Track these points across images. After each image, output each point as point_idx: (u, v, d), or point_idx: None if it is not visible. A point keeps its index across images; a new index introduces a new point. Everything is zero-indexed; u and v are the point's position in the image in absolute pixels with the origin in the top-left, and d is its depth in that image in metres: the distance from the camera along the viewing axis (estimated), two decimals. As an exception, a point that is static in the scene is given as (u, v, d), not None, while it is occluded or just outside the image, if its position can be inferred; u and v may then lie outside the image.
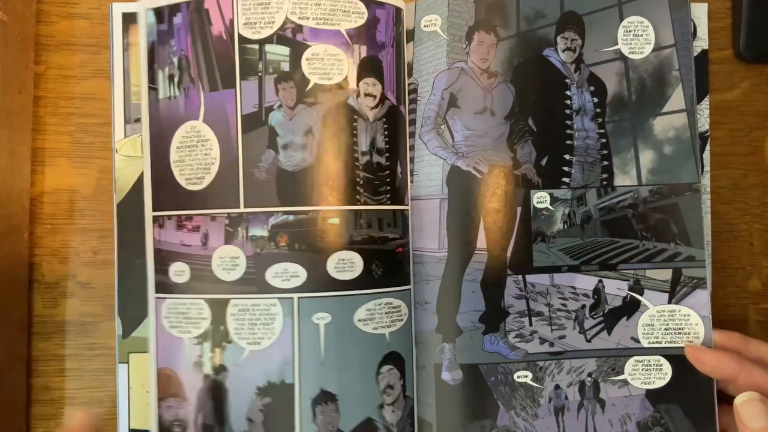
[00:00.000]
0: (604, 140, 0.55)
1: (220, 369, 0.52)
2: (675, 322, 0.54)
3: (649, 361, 0.54)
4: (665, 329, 0.54)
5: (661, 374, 0.54)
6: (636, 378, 0.54)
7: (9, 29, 0.53)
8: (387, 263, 0.53)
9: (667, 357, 0.54)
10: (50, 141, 0.57)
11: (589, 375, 0.54)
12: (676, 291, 0.54)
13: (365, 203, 0.53)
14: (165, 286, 0.53)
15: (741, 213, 0.58)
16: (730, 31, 0.58)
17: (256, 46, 0.53)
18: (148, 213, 0.54)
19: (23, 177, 0.55)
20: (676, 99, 0.55)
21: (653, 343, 0.54)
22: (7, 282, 0.53)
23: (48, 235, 0.56)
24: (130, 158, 0.55)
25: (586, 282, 0.54)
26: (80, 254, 0.57)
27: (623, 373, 0.54)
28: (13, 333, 0.54)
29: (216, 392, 0.52)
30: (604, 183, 0.55)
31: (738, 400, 0.49)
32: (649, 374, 0.54)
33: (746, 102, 0.58)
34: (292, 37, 0.52)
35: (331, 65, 0.53)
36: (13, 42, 0.53)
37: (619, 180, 0.55)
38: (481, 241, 0.54)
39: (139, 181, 0.55)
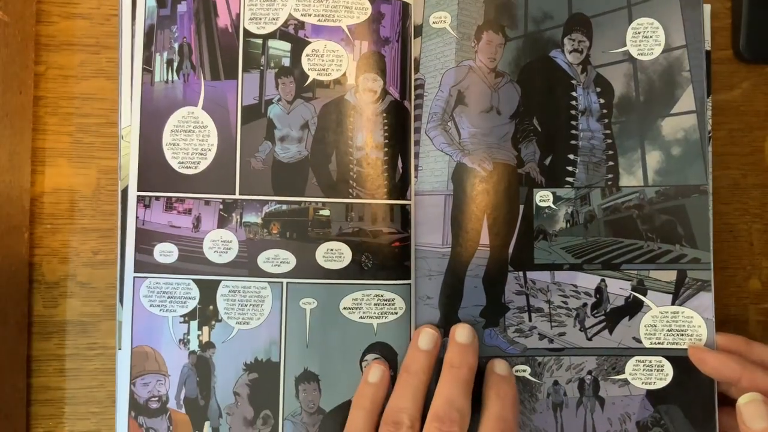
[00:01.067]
0: (609, 141, 0.55)
1: (208, 346, 0.54)
2: (678, 323, 0.54)
3: (650, 361, 0.54)
4: (668, 330, 0.54)
5: (663, 375, 0.54)
6: (637, 378, 0.54)
7: (9, 29, 0.53)
8: (379, 256, 0.54)
9: (669, 358, 0.54)
10: (50, 141, 0.57)
11: (589, 373, 0.54)
12: (680, 293, 0.54)
13: (358, 197, 0.54)
14: (146, 266, 0.54)
15: (741, 213, 0.58)
16: (730, 31, 0.58)
17: (260, 41, 0.54)
18: (132, 192, 0.54)
19: (23, 177, 0.55)
20: (686, 100, 0.54)
21: (655, 343, 0.54)
22: (7, 282, 0.53)
23: (48, 235, 0.56)
24: (131, 140, 0.55)
25: (587, 281, 0.54)
26: (80, 254, 0.57)
27: (624, 373, 0.54)
28: (13, 333, 0.54)
29: (202, 368, 0.54)
30: (609, 183, 0.55)
31: (741, 401, 0.49)
32: (650, 375, 0.54)
33: (746, 102, 0.58)
34: (294, 34, 0.54)
35: (330, 61, 0.54)
36: (13, 42, 0.53)
37: (625, 180, 0.55)
38: (484, 238, 0.54)
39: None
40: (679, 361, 0.54)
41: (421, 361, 0.51)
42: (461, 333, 0.52)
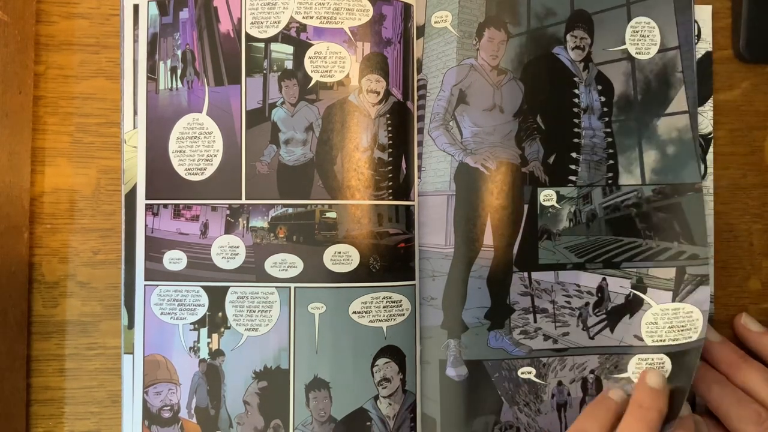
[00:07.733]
0: (610, 139, 0.55)
1: (217, 354, 0.54)
2: (678, 319, 0.54)
3: (652, 359, 0.54)
4: (669, 327, 0.54)
5: (663, 371, 0.54)
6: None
7: (9, 29, 0.53)
8: (386, 258, 0.54)
9: (669, 354, 0.54)
10: (50, 141, 0.56)
11: (591, 372, 0.54)
12: (680, 289, 0.54)
13: (364, 198, 0.53)
14: (155, 274, 0.54)
15: (741, 213, 0.58)
16: (730, 31, 0.59)
17: (262, 45, 0.54)
18: (141, 200, 0.55)
19: (23, 177, 0.55)
20: (679, 100, 0.55)
21: (657, 341, 0.54)
22: (7, 282, 0.53)
23: (48, 235, 0.56)
24: (138, 149, 0.55)
25: (590, 280, 0.55)
26: (80, 254, 0.56)
27: (626, 372, 0.54)
28: (13, 333, 0.54)
29: (213, 376, 0.54)
30: (609, 182, 0.55)
31: None
32: (652, 372, 0.54)
33: (746, 102, 0.58)
34: (296, 36, 0.54)
35: (333, 63, 0.54)
36: (13, 42, 0.53)
37: (624, 179, 0.55)
38: (488, 238, 0.54)
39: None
40: (677, 356, 0.54)
41: (656, 397, 0.50)
42: (653, 377, 0.52)
